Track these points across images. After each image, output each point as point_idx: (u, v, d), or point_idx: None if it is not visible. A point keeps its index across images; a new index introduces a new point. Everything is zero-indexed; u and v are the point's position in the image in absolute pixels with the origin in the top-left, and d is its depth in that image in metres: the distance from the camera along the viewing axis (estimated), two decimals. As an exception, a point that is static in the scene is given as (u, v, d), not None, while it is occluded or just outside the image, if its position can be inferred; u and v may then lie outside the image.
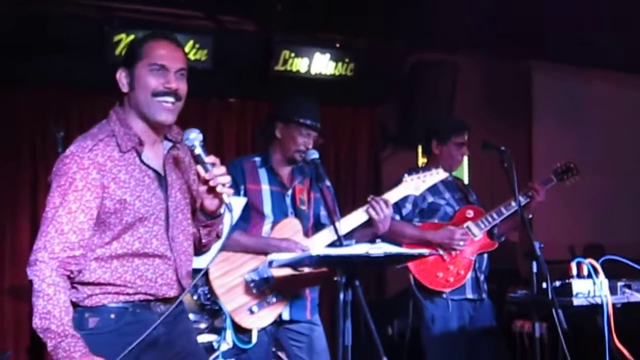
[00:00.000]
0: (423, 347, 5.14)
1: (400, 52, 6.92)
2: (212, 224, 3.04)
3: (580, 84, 8.08)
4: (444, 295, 4.88)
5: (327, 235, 4.23)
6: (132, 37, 5.78)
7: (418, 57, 7.02)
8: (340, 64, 6.55)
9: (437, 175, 4.50)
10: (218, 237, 3.13)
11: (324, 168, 4.00)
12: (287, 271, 4.12)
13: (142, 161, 2.87)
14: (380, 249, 3.68)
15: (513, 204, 4.80)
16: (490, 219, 4.90)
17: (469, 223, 4.96)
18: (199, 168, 2.84)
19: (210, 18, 6.19)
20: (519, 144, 7.31)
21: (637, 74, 8.13)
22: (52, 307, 2.65)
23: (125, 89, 2.91)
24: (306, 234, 4.29)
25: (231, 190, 2.87)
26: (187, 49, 5.96)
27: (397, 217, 4.92)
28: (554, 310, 4.08)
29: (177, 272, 2.93)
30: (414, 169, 4.78)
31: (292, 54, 6.34)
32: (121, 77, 2.93)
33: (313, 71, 6.48)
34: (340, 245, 3.92)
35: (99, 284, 2.76)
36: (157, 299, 2.88)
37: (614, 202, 8.00)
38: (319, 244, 4.17)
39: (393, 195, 4.39)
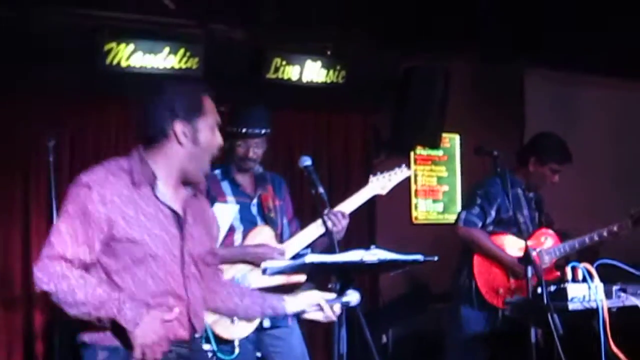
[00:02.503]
0: (447, 346, 5.18)
1: (392, 58, 6.91)
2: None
3: (571, 88, 8.10)
4: (498, 310, 4.95)
5: (299, 240, 4.32)
6: (122, 45, 5.77)
7: (410, 63, 7.01)
8: (331, 71, 6.54)
9: (402, 173, 4.61)
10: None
11: (317, 174, 4.01)
12: (265, 282, 4.16)
13: (156, 197, 2.86)
14: (374, 255, 3.68)
15: (587, 240, 4.97)
16: (562, 250, 4.97)
17: (542, 249, 4.98)
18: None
19: (201, 26, 6.16)
20: (511, 148, 7.29)
21: (624, 78, 8.16)
22: (92, 289, 2.71)
23: (187, 143, 2.89)
24: (278, 241, 4.37)
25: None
26: (178, 57, 5.97)
27: (480, 224, 4.98)
28: (549, 315, 4.09)
29: (189, 312, 2.92)
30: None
31: (284, 62, 6.32)
32: (180, 130, 2.89)
33: (305, 79, 6.47)
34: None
35: (113, 327, 2.77)
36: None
37: (607, 206, 7.99)
38: (293, 249, 4.25)
39: (361, 197, 4.52)
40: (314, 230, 4.29)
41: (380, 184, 4.58)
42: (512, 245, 4.99)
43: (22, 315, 5.91)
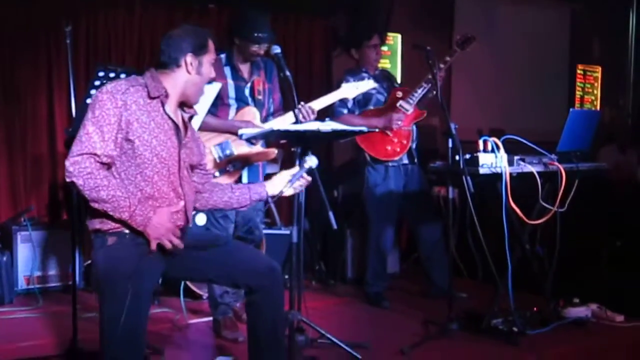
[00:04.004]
0: (365, 205, 5.23)
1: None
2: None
3: (495, 3, 7.99)
4: (390, 164, 5.06)
5: (280, 121, 4.28)
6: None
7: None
8: (298, -21, 6.41)
9: (368, 84, 4.60)
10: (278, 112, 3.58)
11: (285, 60, 3.95)
12: (243, 149, 4.19)
13: (164, 111, 2.92)
14: (328, 126, 3.70)
15: (429, 76, 4.86)
16: (415, 94, 5.02)
17: (401, 102, 5.05)
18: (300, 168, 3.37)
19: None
20: (441, 47, 7.23)
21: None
22: (113, 191, 2.76)
23: (193, 72, 3.00)
24: (263, 119, 4.36)
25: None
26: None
27: (345, 111, 5.04)
28: (464, 178, 4.14)
29: (186, 206, 3.01)
30: (352, 71, 4.84)
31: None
32: (189, 61, 2.99)
33: (276, -15, 6.32)
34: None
35: (120, 220, 2.81)
36: None
37: (515, 97, 8.06)
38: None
39: (331, 98, 4.46)
40: (288, 118, 4.25)
41: (349, 90, 4.57)
42: (374, 115, 5.06)
43: (48, 169, 5.88)
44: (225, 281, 3.35)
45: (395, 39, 7.41)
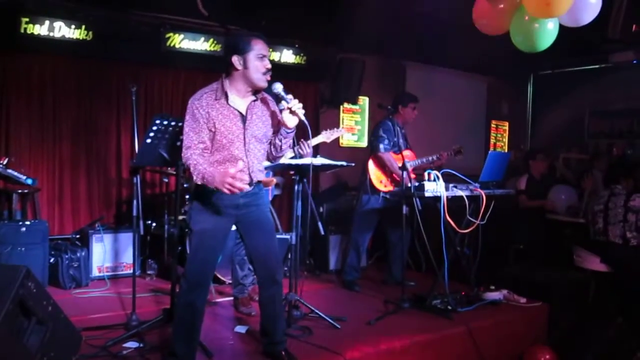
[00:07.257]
0: (355, 217, 5.20)
1: (332, 52, 6.80)
2: (289, 136, 3.13)
3: (431, 74, 8.04)
4: (380, 194, 4.99)
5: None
6: (176, 35, 5.60)
7: (343, 55, 6.90)
8: (298, 56, 6.42)
9: (340, 131, 4.64)
10: (290, 147, 3.30)
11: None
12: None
13: (229, 104, 2.97)
14: (319, 161, 3.70)
15: (430, 158, 4.98)
16: (418, 162, 5.00)
17: (406, 161, 5.02)
18: (283, 102, 3.02)
19: (222, 26, 5.98)
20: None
21: (467, 71, 8.15)
22: (203, 170, 2.86)
23: (239, 67, 2.95)
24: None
25: (303, 111, 3.01)
26: (209, 43, 5.80)
27: (382, 148, 4.90)
28: (414, 199, 4.16)
29: (249, 168, 2.99)
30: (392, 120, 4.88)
31: (271, 49, 6.11)
32: (235, 60, 2.96)
33: (282, 60, 6.35)
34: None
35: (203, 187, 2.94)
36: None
37: (450, 142, 8.02)
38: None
39: (315, 141, 4.51)
40: (289, 153, 4.25)
41: (326, 136, 4.61)
42: (394, 158, 5.01)
43: (116, 189, 5.84)
44: (251, 257, 3.24)
45: (364, 100, 7.46)
